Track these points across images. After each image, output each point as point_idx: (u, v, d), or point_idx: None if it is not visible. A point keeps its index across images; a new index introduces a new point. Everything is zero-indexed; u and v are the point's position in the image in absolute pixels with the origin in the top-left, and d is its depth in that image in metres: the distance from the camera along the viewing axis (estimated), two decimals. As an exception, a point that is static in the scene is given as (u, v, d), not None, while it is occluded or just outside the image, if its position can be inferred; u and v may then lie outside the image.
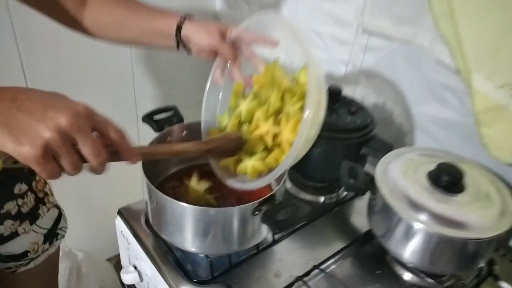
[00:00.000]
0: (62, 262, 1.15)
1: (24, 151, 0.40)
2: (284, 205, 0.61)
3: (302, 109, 0.62)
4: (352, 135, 0.79)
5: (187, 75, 1.48)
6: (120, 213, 0.79)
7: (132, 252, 0.77)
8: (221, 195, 0.74)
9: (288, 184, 0.89)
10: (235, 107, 0.70)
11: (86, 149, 0.44)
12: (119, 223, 0.79)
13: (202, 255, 0.71)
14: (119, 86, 1.32)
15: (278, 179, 0.66)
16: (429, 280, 0.72)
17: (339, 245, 0.77)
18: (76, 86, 1.22)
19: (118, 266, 1.56)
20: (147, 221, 0.78)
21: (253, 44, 0.70)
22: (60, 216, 0.89)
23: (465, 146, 0.88)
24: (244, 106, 0.67)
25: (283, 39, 0.66)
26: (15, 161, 0.42)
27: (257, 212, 0.62)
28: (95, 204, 1.46)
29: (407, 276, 0.74)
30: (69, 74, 1.20)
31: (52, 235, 0.86)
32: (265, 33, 0.67)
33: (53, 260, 0.92)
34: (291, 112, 0.64)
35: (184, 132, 0.79)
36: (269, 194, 0.62)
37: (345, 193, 0.91)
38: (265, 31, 0.67)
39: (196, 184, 0.72)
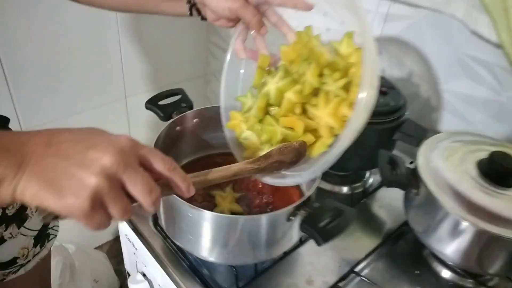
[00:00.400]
0: (53, 258, 1.05)
1: (69, 205, 0.34)
2: (326, 209, 0.52)
3: (345, 87, 0.53)
4: (385, 119, 0.70)
5: (181, 45, 1.35)
6: (124, 214, 0.69)
7: (140, 258, 0.68)
8: (243, 195, 0.65)
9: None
10: (260, 85, 0.60)
11: (137, 189, 0.36)
12: (123, 226, 0.69)
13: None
14: (104, 59, 1.18)
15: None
16: (470, 280, 0.66)
17: (371, 242, 0.70)
18: (56, 62, 1.08)
19: (110, 254, 1.48)
20: (155, 222, 0.68)
21: (281, 7, 0.59)
22: None
23: (497, 126, 0.81)
24: (273, 85, 0.56)
25: (319, 1, 0.55)
26: (56, 216, 0.36)
27: (292, 218, 0.53)
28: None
29: (446, 274, 0.67)
30: (48, 47, 1.05)
31: (43, 236, 0.76)
32: None
33: (45, 263, 0.83)
34: (331, 91, 0.53)
35: (195, 120, 0.68)
36: (306, 197, 0.53)
37: (371, 181, 0.83)
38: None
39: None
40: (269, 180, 0.56)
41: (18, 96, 1.06)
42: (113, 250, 1.53)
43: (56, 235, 0.81)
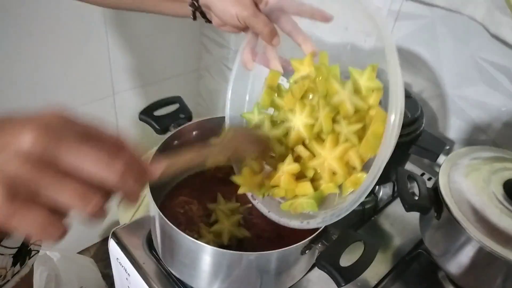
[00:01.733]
0: (37, 269, 0.98)
1: None
2: (345, 243, 0.46)
3: (358, 133, 0.46)
4: (402, 132, 0.64)
5: (173, 38, 1.26)
6: (114, 235, 0.63)
7: (133, 284, 0.62)
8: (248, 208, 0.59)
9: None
10: (268, 105, 0.53)
11: (87, 161, 0.27)
12: (114, 249, 0.62)
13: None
14: (89, 53, 1.10)
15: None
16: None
17: (384, 265, 0.65)
18: (40, 56, 1.00)
19: (96, 258, 1.42)
20: (149, 246, 0.62)
21: (297, 16, 0.52)
22: None
23: (512, 137, 0.76)
24: (299, 122, 0.49)
25: (340, 14, 0.48)
26: None
27: (307, 251, 0.47)
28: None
29: (463, 299, 0.63)
30: (33, 41, 0.97)
31: (24, 253, 0.69)
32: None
33: (28, 281, 0.76)
34: (342, 133, 0.47)
35: (195, 132, 0.61)
36: (322, 228, 0.47)
37: (380, 195, 0.78)
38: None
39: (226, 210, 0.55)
40: (273, 216, 0.49)
41: (1, 94, 0.98)
42: (100, 253, 1.46)
43: (38, 251, 0.74)
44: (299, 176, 0.49)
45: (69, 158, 0.26)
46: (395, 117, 0.38)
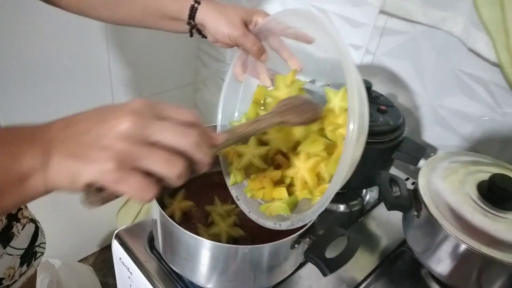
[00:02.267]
0: (39, 275, 1.01)
1: (98, 171, 0.34)
2: (330, 237, 0.51)
3: (327, 151, 0.52)
4: (385, 138, 0.70)
5: (171, 52, 1.32)
6: (118, 237, 0.67)
7: (135, 283, 0.66)
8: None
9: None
10: (254, 116, 0.58)
11: (168, 134, 0.35)
12: (117, 249, 0.66)
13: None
14: (91, 66, 1.15)
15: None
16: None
17: (370, 263, 0.69)
18: (42, 68, 1.05)
19: (95, 266, 1.45)
20: (151, 245, 0.66)
21: (282, 36, 0.57)
22: (37, 231, 0.76)
23: (491, 143, 0.81)
24: (272, 136, 0.56)
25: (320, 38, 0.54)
26: (100, 192, 0.36)
27: (296, 245, 0.52)
28: (64, 204, 1.31)
29: (444, 294, 0.67)
30: (34, 54, 1.02)
31: (30, 255, 0.73)
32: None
33: (32, 282, 0.79)
34: (312, 152, 0.53)
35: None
36: (309, 223, 0.52)
37: (367, 198, 0.82)
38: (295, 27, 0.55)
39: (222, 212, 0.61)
40: (253, 216, 0.55)
41: (2, 104, 1.02)
42: (99, 261, 1.49)
43: (43, 253, 0.78)
44: (279, 182, 0.55)
45: (155, 133, 0.35)
46: (350, 137, 0.41)
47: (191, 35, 0.62)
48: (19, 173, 0.34)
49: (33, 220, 0.76)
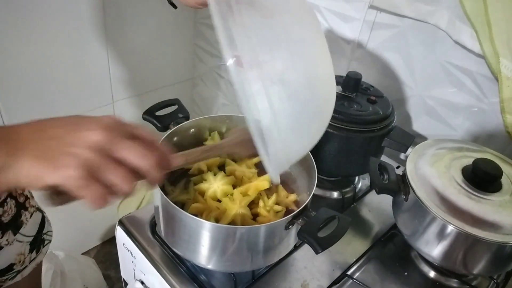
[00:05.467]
0: (44, 265, 1.04)
1: (64, 176, 0.37)
2: (322, 218, 0.54)
3: None
4: (375, 127, 0.73)
5: (168, 49, 1.35)
6: (121, 223, 0.70)
7: (138, 266, 0.69)
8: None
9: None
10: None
11: (130, 154, 0.39)
12: (121, 235, 0.69)
13: (222, 270, 0.64)
14: (90, 64, 1.18)
15: (310, 188, 0.59)
16: (455, 280, 0.69)
17: (362, 245, 0.73)
18: (41, 66, 1.07)
19: (97, 259, 1.48)
20: (153, 230, 0.69)
21: None
22: (44, 219, 0.79)
23: (479, 132, 0.85)
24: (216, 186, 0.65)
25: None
26: (61, 196, 0.39)
27: (290, 226, 0.55)
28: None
29: (432, 274, 0.71)
30: (33, 52, 1.04)
31: (39, 242, 0.77)
32: None
33: (39, 269, 0.83)
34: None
35: (192, 130, 0.69)
36: (303, 206, 0.55)
37: (360, 186, 0.86)
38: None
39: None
40: None
41: (3, 103, 1.04)
42: (100, 255, 1.52)
43: (50, 240, 0.82)
44: None
45: (121, 150, 0.39)
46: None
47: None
48: None
49: (40, 209, 0.79)
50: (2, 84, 1.02)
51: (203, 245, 0.56)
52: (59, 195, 0.39)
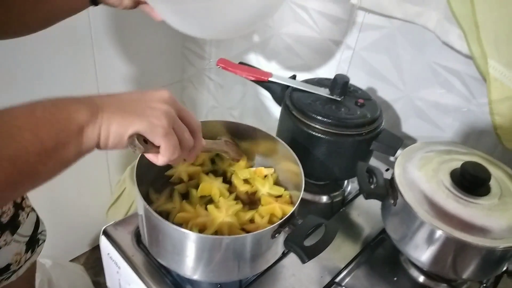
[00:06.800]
0: (30, 274, 1.02)
1: (154, 124, 0.43)
2: (309, 225, 0.53)
3: None
4: (363, 130, 0.72)
5: (157, 51, 1.33)
6: (105, 233, 0.69)
7: (123, 277, 0.67)
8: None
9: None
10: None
11: (192, 119, 0.48)
12: (105, 245, 0.68)
13: (208, 279, 0.63)
14: (77, 67, 1.16)
15: (296, 197, 0.58)
16: (444, 285, 0.69)
17: (351, 251, 0.72)
18: (26, 68, 1.05)
19: (86, 266, 1.46)
20: (137, 240, 0.68)
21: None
22: (38, 219, 0.79)
23: (468, 134, 0.84)
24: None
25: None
26: (145, 140, 0.43)
27: (277, 235, 0.54)
28: (55, 205, 1.31)
29: (422, 279, 0.70)
30: (18, 54, 1.02)
31: (34, 241, 0.77)
32: None
33: (33, 268, 0.83)
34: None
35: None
36: (289, 214, 0.54)
37: (349, 189, 0.85)
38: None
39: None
40: None
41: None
42: (90, 261, 1.50)
43: (44, 240, 0.82)
44: None
45: (183, 112, 0.47)
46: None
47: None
48: (78, 124, 0.40)
49: (34, 209, 0.79)
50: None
51: (188, 256, 0.55)
52: (141, 143, 0.43)
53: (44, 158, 0.38)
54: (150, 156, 0.47)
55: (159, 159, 0.46)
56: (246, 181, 0.70)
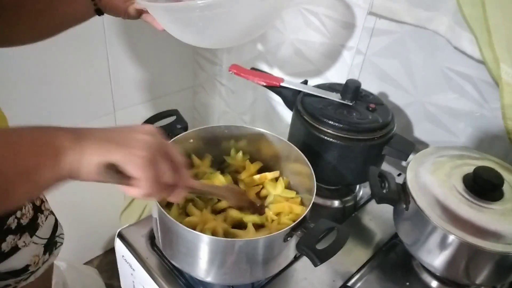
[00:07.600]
0: (45, 277, 1.04)
1: (135, 155, 0.42)
2: (321, 229, 0.53)
3: None
4: (375, 135, 0.72)
5: (169, 57, 1.35)
6: (120, 236, 0.70)
7: (138, 279, 0.68)
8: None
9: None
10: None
11: (176, 156, 0.47)
12: (120, 247, 0.69)
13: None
14: (92, 74, 1.18)
15: (308, 201, 0.59)
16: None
17: (363, 255, 0.72)
18: (41, 75, 1.08)
19: (100, 269, 1.48)
20: (151, 242, 0.69)
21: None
22: (56, 222, 0.81)
23: (481, 139, 0.84)
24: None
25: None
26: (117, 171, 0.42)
27: (289, 238, 0.54)
28: (69, 209, 1.33)
29: (435, 284, 0.70)
30: (32, 60, 1.04)
31: (52, 244, 0.78)
32: None
33: (50, 270, 0.85)
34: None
35: (190, 140, 0.69)
36: (301, 217, 0.55)
37: (361, 194, 0.85)
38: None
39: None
40: None
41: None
42: (103, 264, 1.52)
43: (62, 243, 0.83)
44: None
45: (168, 148, 0.46)
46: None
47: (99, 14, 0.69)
48: (56, 148, 0.40)
49: (53, 213, 0.80)
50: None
51: (201, 258, 0.56)
52: (117, 173, 0.42)
53: (18, 178, 0.38)
54: (126, 189, 0.44)
55: (136, 192, 0.44)
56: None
